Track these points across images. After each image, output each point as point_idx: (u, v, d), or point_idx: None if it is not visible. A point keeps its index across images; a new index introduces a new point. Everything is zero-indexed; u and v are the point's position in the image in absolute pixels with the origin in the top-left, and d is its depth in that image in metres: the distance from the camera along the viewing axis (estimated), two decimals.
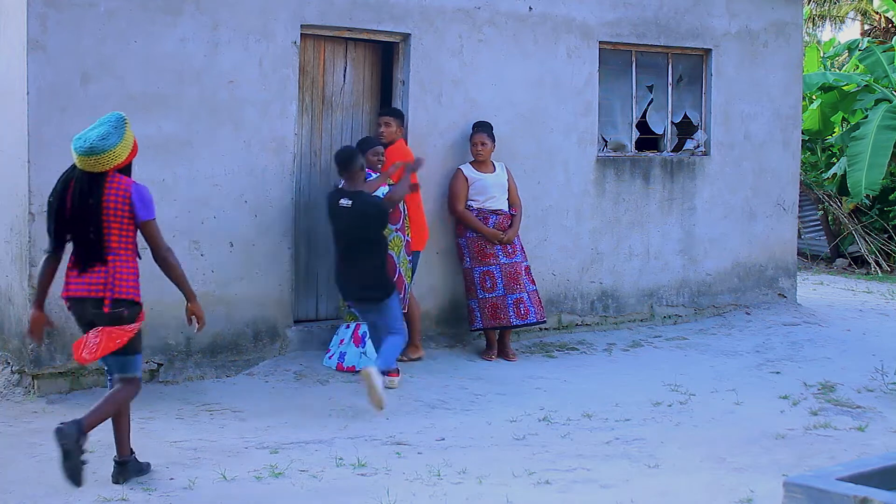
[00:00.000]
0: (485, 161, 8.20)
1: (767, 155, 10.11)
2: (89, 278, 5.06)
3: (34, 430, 6.06)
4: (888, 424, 6.51)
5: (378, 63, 8.31)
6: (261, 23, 7.42)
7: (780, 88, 10.15)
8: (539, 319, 8.19)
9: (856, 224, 14.77)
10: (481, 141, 8.13)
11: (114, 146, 5.04)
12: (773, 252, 10.22)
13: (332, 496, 5.04)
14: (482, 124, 8.22)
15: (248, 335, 7.47)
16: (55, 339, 6.79)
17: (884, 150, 12.93)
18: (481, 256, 8.06)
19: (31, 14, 6.64)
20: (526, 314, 8.09)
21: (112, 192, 5.05)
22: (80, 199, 5.03)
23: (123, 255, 5.08)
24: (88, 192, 5.03)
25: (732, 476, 5.35)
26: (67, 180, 5.13)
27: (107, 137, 5.04)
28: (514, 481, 5.26)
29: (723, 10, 9.71)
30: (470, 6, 8.33)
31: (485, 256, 8.06)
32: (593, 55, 9.01)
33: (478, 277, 8.08)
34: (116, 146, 5.05)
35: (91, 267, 5.06)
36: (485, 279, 8.06)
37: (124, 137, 5.09)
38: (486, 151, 8.16)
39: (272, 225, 7.54)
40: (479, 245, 8.08)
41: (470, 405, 6.85)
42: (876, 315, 10.51)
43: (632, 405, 6.86)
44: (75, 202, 5.04)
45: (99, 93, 6.86)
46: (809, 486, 2.85)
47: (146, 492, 5.04)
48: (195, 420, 6.37)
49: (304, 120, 7.91)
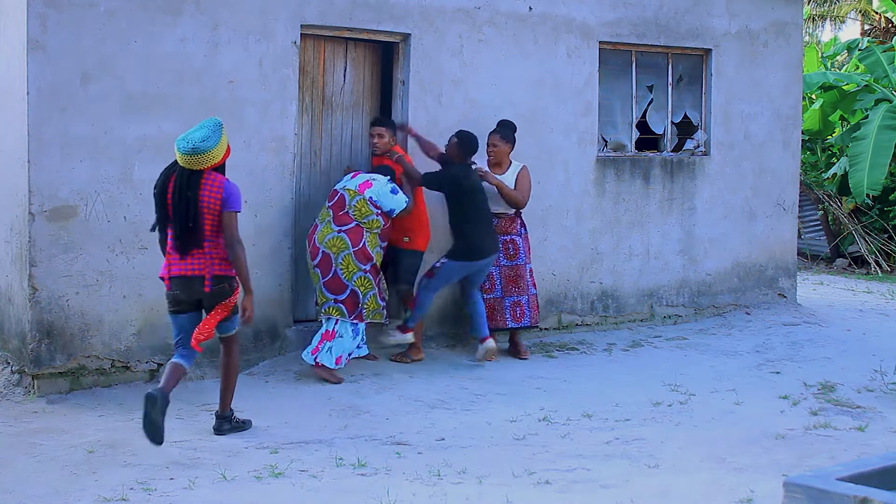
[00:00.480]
0: (498, 163, 8.17)
1: (767, 155, 10.11)
2: (190, 261, 5.84)
3: (34, 430, 6.06)
4: (888, 424, 6.51)
5: (378, 63, 8.31)
6: (261, 23, 7.42)
7: (780, 88, 10.15)
8: (532, 324, 8.23)
9: (856, 224, 14.77)
10: (493, 142, 8.12)
11: (212, 148, 5.78)
12: (773, 252, 10.22)
13: (332, 496, 5.04)
14: (501, 123, 8.19)
15: (248, 335, 7.47)
16: (55, 339, 6.79)
17: (885, 150, 12.93)
18: None
19: (31, 14, 6.64)
20: (521, 317, 8.10)
21: (207, 187, 5.81)
22: (180, 192, 5.79)
23: (216, 240, 5.86)
24: (187, 186, 5.79)
25: (732, 476, 5.35)
26: (169, 175, 5.89)
27: (207, 140, 5.78)
28: (514, 481, 5.26)
29: (723, 10, 9.71)
30: (470, 6, 8.33)
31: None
32: (593, 55, 9.01)
33: None
34: (214, 148, 5.79)
35: (190, 251, 5.82)
36: (485, 280, 8.07)
37: (221, 140, 5.83)
38: (496, 153, 8.12)
39: (272, 225, 7.55)
40: None
41: (470, 405, 6.85)
42: (876, 315, 10.51)
43: (632, 405, 6.86)
44: (175, 195, 5.79)
45: (99, 93, 6.86)
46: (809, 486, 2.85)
47: (146, 492, 5.04)
48: (195, 420, 6.37)
49: (304, 120, 7.91)
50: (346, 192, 7.47)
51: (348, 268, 7.31)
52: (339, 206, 7.44)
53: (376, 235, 7.49)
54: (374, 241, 7.48)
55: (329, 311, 7.33)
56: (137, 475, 5.28)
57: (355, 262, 7.32)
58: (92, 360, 6.92)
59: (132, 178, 7.00)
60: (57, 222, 6.77)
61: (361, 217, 7.40)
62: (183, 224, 5.79)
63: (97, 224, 6.90)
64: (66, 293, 6.81)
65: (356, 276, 7.32)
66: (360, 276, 7.34)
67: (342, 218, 7.39)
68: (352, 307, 7.32)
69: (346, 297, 7.31)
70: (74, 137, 6.80)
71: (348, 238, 7.33)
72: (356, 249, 7.34)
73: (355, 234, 7.37)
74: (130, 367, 7.05)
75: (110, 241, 6.95)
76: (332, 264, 7.31)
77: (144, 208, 7.04)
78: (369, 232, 7.43)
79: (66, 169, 6.78)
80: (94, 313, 6.91)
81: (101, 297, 6.93)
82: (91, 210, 6.87)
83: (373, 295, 7.39)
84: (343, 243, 7.32)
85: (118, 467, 5.42)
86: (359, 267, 7.33)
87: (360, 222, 7.40)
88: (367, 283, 7.36)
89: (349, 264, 7.31)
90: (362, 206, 7.40)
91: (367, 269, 7.38)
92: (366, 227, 7.42)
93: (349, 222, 7.38)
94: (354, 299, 7.32)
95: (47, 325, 6.76)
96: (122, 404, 6.65)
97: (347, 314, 7.31)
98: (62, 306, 6.81)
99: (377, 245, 7.50)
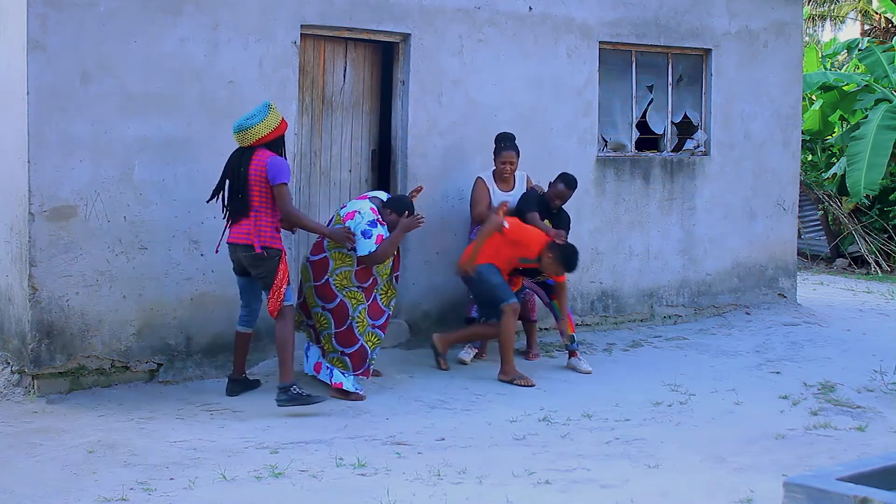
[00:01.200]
0: (507, 178, 8.10)
1: (767, 155, 10.11)
2: (238, 229, 6.54)
3: (34, 430, 6.06)
4: (888, 424, 6.51)
5: (378, 63, 8.31)
6: (261, 23, 7.42)
7: (780, 88, 10.15)
8: (534, 319, 8.30)
9: (856, 224, 14.77)
10: (510, 160, 7.94)
11: (255, 124, 6.49)
12: (773, 252, 10.22)
13: (332, 496, 5.04)
14: (508, 138, 8.00)
15: None
16: (55, 338, 6.79)
17: (883, 150, 12.93)
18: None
19: (31, 14, 6.64)
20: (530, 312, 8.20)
21: (255, 163, 6.50)
22: (232, 167, 6.58)
23: (263, 211, 6.50)
24: (239, 162, 6.55)
25: (732, 476, 5.35)
26: (232, 154, 6.63)
27: (251, 118, 6.51)
28: (514, 481, 5.26)
29: (723, 10, 9.71)
30: (470, 6, 8.33)
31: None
32: (593, 55, 9.01)
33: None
34: (257, 124, 6.49)
35: (238, 221, 6.54)
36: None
37: (265, 118, 6.49)
38: (513, 170, 8.03)
39: None
40: None
41: (470, 405, 6.85)
42: (876, 315, 10.51)
43: (632, 405, 6.86)
44: (230, 170, 6.57)
45: (99, 93, 6.86)
46: (809, 486, 2.85)
47: (146, 492, 5.04)
48: (195, 420, 6.37)
49: (304, 120, 7.91)
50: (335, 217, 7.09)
51: (363, 323, 6.93)
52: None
53: (348, 274, 6.92)
54: (345, 279, 6.91)
55: (333, 361, 6.94)
56: (137, 475, 5.28)
57: (368, 319, 6.96)
58: (92, 360, 6.92)
59: (132, 178, 7.00)
60: (57, 222, 6.77)
61: (342, 262, 6.92)
62: (233, 195, 6.54)
63: (97, 224, 6.90)
64: (66, 293, 6.81)
65: (368, 330, 6.96)
66: (370, 331, 6.98)
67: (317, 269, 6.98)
68: (359, 363, 6.94)
69: (356, 350, 6.93)
70: (74, 137, 6.80)
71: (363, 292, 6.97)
72: (370, 303, 6.97)
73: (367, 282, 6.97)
74: (130, 367, 7.05)
75: (110, 241, 6.94)
76: (348, 314, 6.91)
77: (144, 208, 7.04)
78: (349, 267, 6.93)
79: (66, 169, 6.78)
80: (94, 313, 6.91)
81: (101, 297, 6.93)
82: (91, 210, 6.87)
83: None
84: (360, 296, 6.94)
85: (118, 467, 5.42)
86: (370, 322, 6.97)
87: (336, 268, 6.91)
88: (376, 338, 7.01)
89: (363, 320, 6.94)
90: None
91: (381, 323, 7.05)
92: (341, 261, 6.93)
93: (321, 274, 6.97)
94: (363, 354, 6.93)
95: (47, 325, 6.76)
96: (122, 404, 6.65)
97: (352, 369, 6.92)
98: (62, 306, 6.81)
99: (349, 285, 6.90)
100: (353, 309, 6.89)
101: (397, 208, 7.07)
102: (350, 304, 6.89)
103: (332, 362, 6.93)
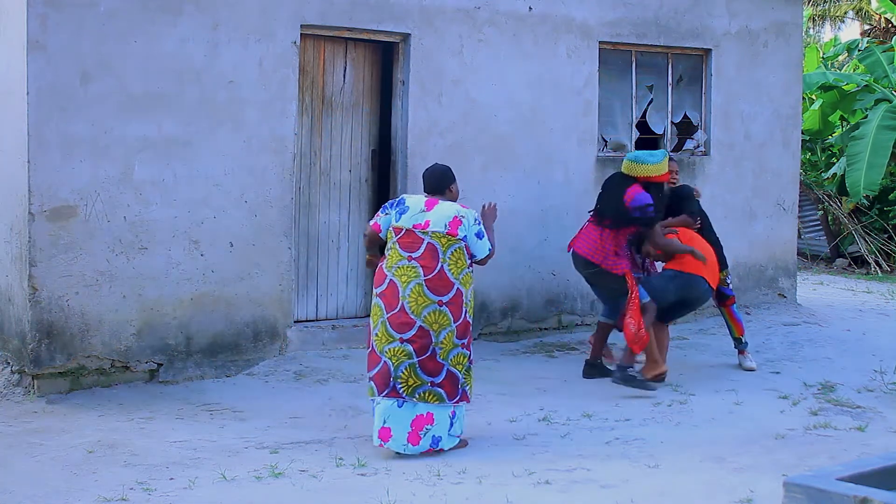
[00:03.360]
0: None
1: (767, 155, 10.11)
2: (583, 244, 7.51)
3: (34, 430, 6.06)
4: (888, 424, 6.51)
5: (378, 63, 8.31)
6: (261, 23, 7.42)
7: (780, 88, 10.15)
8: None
9: (856, 224, 14.77)
10: (675, 170, 8.16)
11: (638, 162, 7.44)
12: (773, 252, 10.21)
13: (332, 496, 5.04)
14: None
15: (248, 335, 7.47)
16: (55, 339, 6.79)
17: (883, 150, 12.93)
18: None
19: (31, 14, 6.64)
20: None
21: (630, 199, 7.30)
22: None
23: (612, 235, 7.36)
24: (613, 188, 7.49)
25: (732, 476, 5.35)
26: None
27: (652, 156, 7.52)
28: (514, 481, 5.26)
29: (723, 10, 9.71)
30: (470, 6, 8.33)
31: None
32: (593, 55, 9.01)
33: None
34: (643, 164, 7.41)
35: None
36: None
37: (655, 161, 7.45)
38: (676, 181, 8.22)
39: (272, 225, 7.54)
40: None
41: (470, 405, 6.84)
42: (876, 315, 10.51)
43: (632, 405, 6.86)
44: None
45: (99, 93, 6.86)
46: (809, 486, 2.85)
47: (146, 492, 5.04)
48: (195, 420, 6.37)
49: (304, 120, 7.91)
50: (433, 237, 5.82)
51: (446, 346, 5.81)
52: (431, 258, 5.81)
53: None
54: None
55: (426, 395, 5.76)
56: (137, 475, 5.28)
57: (455, 340, 5.85)
58: (92, 360, 6.92)
59: (132, 178, 7.00)
60: (57, 222, 6.77)
61: (459, 271, 5.86)
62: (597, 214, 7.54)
63: (97, 224, 6.90)
64: (66, 293, 6.81)
65: (453, 353, 5.83)
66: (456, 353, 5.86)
67: (438, 282, 5.78)
68: (451, 389, 5.83)
69: (444, 378, 5.81)
70: (74, 137, 6.80)
71: (450, 312, 5.81)
72: (458, 324, 5.84)
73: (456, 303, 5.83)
74: (130, 367, 7.05)
75: (110, 241, 6.95)
76: (430, 343, 5.77)
77: (144, 208, 7.04)
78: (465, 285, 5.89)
79: (66, 169, 6.78)
80: (94, 313, 6.91)
81: (101, 297, 6.93)
82: (91, 210, 6.87)
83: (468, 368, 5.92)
84: (445, 318, 5.80)
85: (118, 467, 5.42)
86: (456, 343, 5.86)
87: (458, 278, 5.85)
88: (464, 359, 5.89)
89: (449, 342, 5.82)
90: (460, 255, 5.87)
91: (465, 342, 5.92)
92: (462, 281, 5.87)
93: (448, 287, 5.80)
94: (453, 380, 5.84)
95: (47, 325, 6.76)
96: (122, 404, 6.65)
97: (447, 398, 5.81)
98: (62, 306, 6.81)
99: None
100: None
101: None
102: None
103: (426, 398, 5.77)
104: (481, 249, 5.92)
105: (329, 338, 7.91)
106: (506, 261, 8.61)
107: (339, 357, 7.76)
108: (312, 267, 8.03)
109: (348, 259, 8.21)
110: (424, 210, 5.86)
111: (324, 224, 8.07)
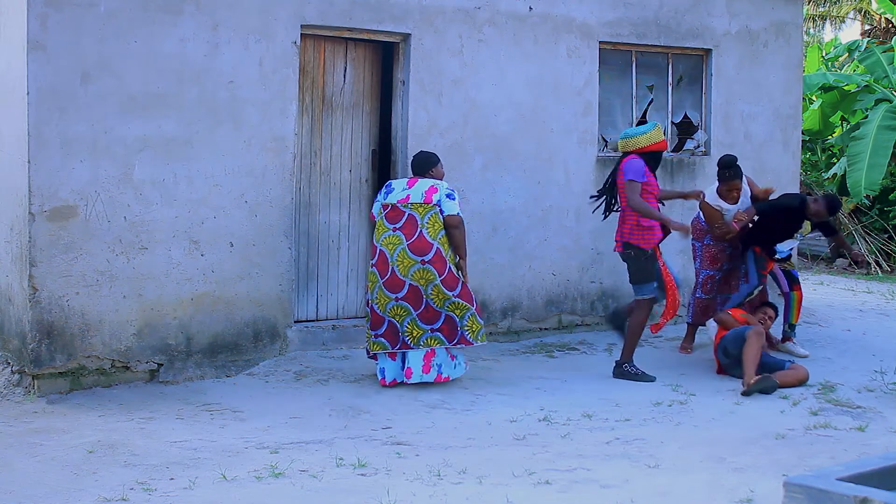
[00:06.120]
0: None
1: (767, 155, 10.10)
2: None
3: (34, 430, 6.06)
4: (888, 424, 6.51)
5: (378, 63, 8.31)
6: (261, 23, 7.43)
7: (780, 88, 10.15)
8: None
9: (856, 224, 14.77)
10: (737, 188, 8.32)
11: (630, 137, 7.57)
12: None
13: (332, 496, 5.04)
14: (731, 165, 8.29)
15: (248, 335, 7.47)
16: (55, 339, 6.79)
17: (884, 150, 12.93)
18: (711, 262, 8.46)
19: (31, 14, 6.64)
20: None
21: (620, 170, 7.49)
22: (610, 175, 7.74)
23: (628, 211, 7.45)
24: (613, 171, 7.66)
25: (732, 476, 5.35)
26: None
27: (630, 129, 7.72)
28: (514, 481, 5.26)
29: (723, 10, 9.71)
30: (470, 6, 8.33)
31: (714, 262, 8.46)
32: (593, 55, 9.01)
33: (701, 279, 8.52)
34: (630, 138, 7.55)
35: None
36: (707, 282, 8.48)
37: (642, 133, 7.51)
38: (739, 196, 8.36)
39: (272, 225, 7.55)
40: (712, 252, 8.44)
41: (470, 405, 6.85)
42: (876, 315, 10.51)
43: (632, 405, 6.86)
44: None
45: (99, 93, 6.87)
46: (809, 486, 2.85)
47: (146, 492, 5.04)
48: (195, 420, 6.37)
49: (304, 120, 7.91)
50: (412, 209, 7.09)
51: (438, 296, 6.99)
52: (412, 226, 7.05)
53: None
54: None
55: (429, 341, 7.05)
56: (137, 475, 5.28)
57: (445, 291, 6.99)
58: (92, 360, 6.92)
59: (132, 178, 7.00)
60: (57, 222, 6.77)
61: (436, 233, 7.07)
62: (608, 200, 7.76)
63: (97, 224, 6.90)
64: (66, 293, 6.81)
65: (448, 302, 7.01)
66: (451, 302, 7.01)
67: (418, 244, 7.00)
68: (450, 332, 7.06)
69: (442, 323, 7.04)
70: (74, 137, 6.80)
71: (434, 268, 6.97)
72: (443, 278, 6.99)
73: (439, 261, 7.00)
74: (130, 367, 7.05)
75: (110, 241, 6.95)
76: (422, 296, 6.99)
77: (144, 208, 7.04)
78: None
79: (66, 169, 6.78)
80: (94, 313, 6.91)
81: (102, 297, 6.93)
82: (91, 210, 6.87)
83: (471, 315, 7.09)
84: (430, 274, 6.96)
85: (118, 467, 5.42)
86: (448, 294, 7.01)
87: (437, 239, 7.04)
88: (462, 306, 7.06)
89: (439, 293, 6.99)
90: (435, 220, 7.08)
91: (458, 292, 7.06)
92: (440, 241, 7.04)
93: (428, 247, 7.00)
94: (451, 324, 7.05)
95: (47, 325, 6.76)
96: (123, 404, 6.65)
97: (447, 341, 7.08)
98: (62, 306, 6.81)
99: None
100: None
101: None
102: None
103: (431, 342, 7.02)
104: (451, 207, 7.02)
105: (329, 338, 7.91)
106: (506, 261, 8.62)
107: (340, 357, 7.76)
108: (313, 267, 8.04)
109: (349, 259, 8.21)
110: (406, 188, 7.12)
111: (324, 224, 8.07)
